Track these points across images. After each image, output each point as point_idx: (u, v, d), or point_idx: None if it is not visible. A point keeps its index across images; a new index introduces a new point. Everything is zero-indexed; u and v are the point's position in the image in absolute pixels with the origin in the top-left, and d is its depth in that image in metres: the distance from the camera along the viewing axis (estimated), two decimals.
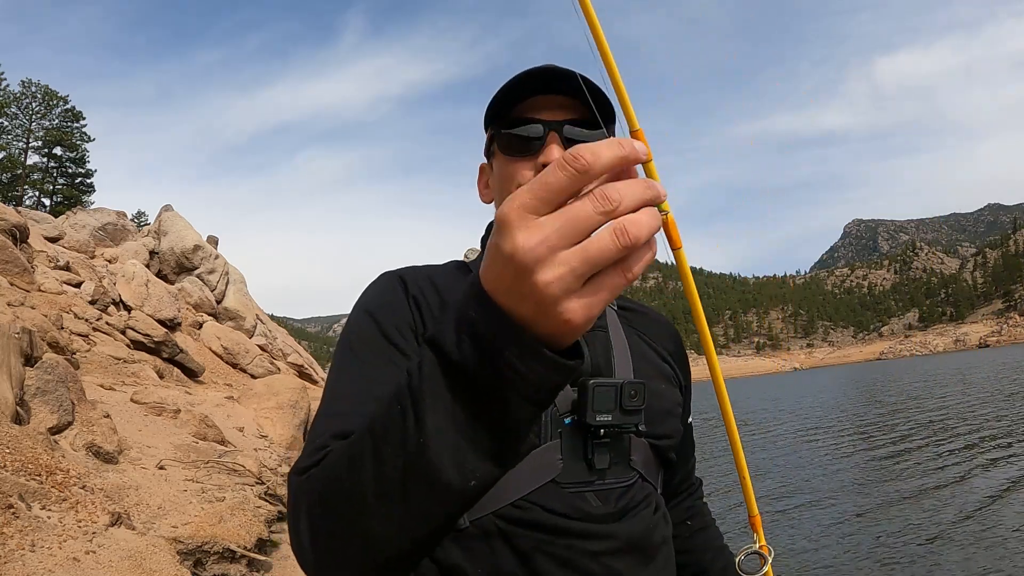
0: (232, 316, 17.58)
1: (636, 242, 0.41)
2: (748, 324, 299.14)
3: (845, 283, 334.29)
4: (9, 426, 4.22)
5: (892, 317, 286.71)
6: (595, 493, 0.86)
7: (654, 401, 0.92)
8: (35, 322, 7.30)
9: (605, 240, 0.40)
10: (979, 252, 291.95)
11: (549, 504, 0.83)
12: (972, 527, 7.59)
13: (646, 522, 0.89)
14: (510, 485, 0.82)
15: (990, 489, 9.30)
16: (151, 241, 18.07)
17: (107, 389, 7.72)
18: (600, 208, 0.40)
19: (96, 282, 12.59)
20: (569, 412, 0.86)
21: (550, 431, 0.85)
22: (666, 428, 0.96)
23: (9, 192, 39.66)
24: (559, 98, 0.93)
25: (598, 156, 0.40)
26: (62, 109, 43.63)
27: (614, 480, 0.88)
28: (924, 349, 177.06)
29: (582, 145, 0.41)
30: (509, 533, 0.82)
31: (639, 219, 0.41)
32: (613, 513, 0.86)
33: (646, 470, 0.92)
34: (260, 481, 6.29)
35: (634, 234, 0.40)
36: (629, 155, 0.42)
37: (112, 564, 3.58)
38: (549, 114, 0.93)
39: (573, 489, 0.85)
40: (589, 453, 0.85)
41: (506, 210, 0.42)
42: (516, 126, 0.95)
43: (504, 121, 0.96)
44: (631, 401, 0.84)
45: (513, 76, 0.97)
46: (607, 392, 0.83)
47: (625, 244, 0.40)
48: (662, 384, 0.99)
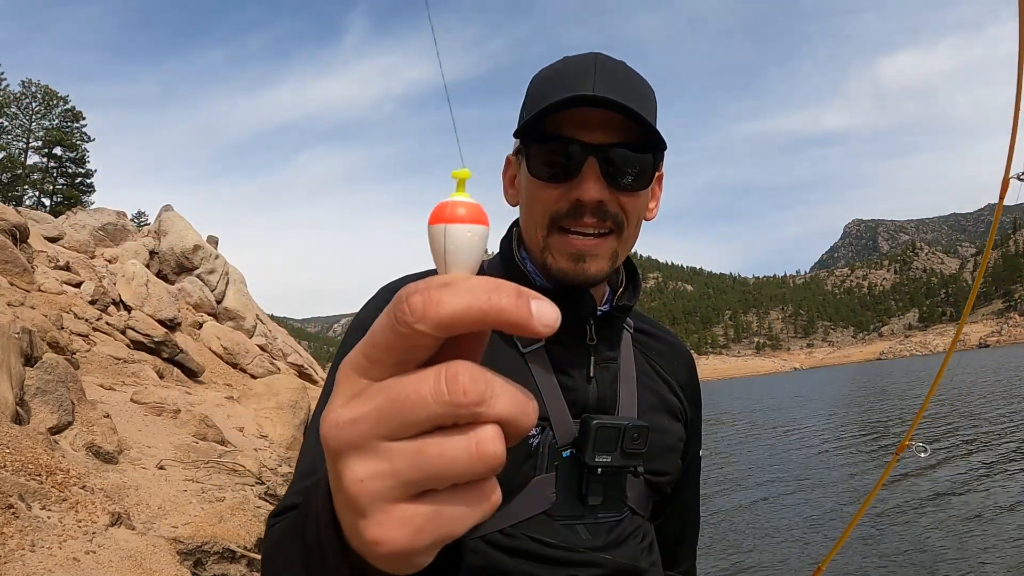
0: (232, 316, 17.57)
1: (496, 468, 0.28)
2: (748, 324, 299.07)
3: (845, 283, 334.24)
4: (9, 426, 4.22)
5: (892, 317, 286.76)
6: (586, 526, 0.85)
7: (655, 438, 0.89)
8: (35, 322, 7.30)
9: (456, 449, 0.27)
10: (979, 252, 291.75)
11: (538, 535, 0.82)
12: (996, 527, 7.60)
13: (634, 551, 0.88)
14: (500, 512, 0.80)
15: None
16: (151, 241, 18.06)
17: (107, 389, 7.72)
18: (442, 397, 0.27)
19: (96, 282, 12.59)
20: (569, 446, 0.83)
21: (547, 463, 0.83)
22: (665, 465, 0.93)
23: (9, 192, 39.63)
24: (605, 113, 0.78)
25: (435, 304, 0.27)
26: (62, 109, 43.62)
27: (606, 515, 0.86)
28: (924, 349, 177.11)
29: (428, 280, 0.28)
30: (494, 557, 0.81)
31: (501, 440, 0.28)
32: (603, 546, 0.85)
33: (639, 505, 0.91)
34: (260, 481, 6.29)
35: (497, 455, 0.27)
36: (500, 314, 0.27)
37: (112, 564, 3.58)
38: (590, 133, 0.79)
39: (564, 522, 0.83)
40: (584, 489, 0.83)
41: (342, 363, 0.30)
42: (549, 141, 0.81)
43: (535, 132, 0.82)
44: (633, 444, 0.82)
45: (556, 69, 0.84)
46: (609, 433, 0.81)
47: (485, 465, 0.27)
48: (665, 419, 0.95)
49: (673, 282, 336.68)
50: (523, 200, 0.88)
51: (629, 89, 0.80)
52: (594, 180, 0.79)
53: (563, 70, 0.83)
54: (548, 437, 0.83)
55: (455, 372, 0.27)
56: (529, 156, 0.82)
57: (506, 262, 0.92)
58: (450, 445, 0.27)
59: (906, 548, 7.12)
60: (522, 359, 0.87)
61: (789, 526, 8.70)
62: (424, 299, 0.27)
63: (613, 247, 0.83)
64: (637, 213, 0.85)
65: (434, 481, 0.28)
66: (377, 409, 0.28)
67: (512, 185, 0.93)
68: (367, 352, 0.29)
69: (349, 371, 0.29)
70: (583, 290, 0.86)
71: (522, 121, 0.84)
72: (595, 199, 0.79)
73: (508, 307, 0.27)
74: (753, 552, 7.69)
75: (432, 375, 0.27)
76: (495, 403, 0.27)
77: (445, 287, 0.27)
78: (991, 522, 7.68)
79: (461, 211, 0.30)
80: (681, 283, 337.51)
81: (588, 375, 0.88)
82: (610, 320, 0.91)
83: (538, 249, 0.85)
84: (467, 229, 0.29)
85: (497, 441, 0.27)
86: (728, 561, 7.41)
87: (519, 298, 0.27)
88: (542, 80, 0.85)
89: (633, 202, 0.83)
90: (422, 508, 0.28)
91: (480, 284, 0.27)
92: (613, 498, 0.86)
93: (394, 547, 0.28)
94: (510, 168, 0.93)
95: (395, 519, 0.28)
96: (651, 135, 0.80)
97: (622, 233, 0.84)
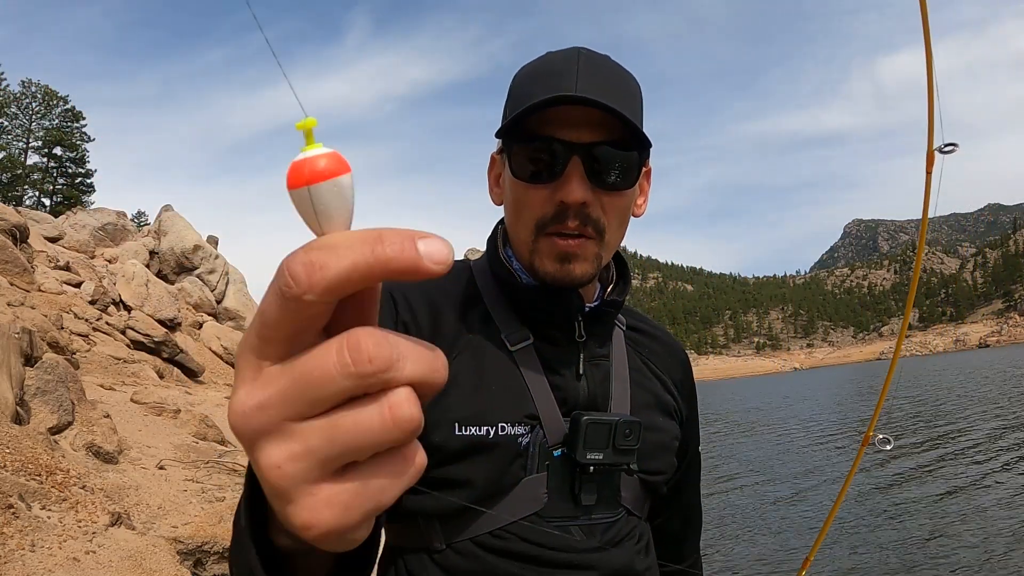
0: (232, 316, 17.59)
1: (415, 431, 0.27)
2: (748, 324, 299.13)
3: (845, 283, 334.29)
4: (9, 426, 4.22)
5: (892, 317, 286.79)
6: (580, 527, 0.83)
7: (650, 436, 0.88)
8: (35, 322, 7.30)
9: (369, 419, 0.26)
10: (979, 252, 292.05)
11: (530, 536, 0.81)
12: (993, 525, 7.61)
13: (630, 552, 0.87)
14: (490, 514, 0.79)
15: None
16: (151, 241, 18.08)
17: (107, 389, 7.73)
18: (347, 368, 0.25)
19: (96, 282, 12.60)
20: (560, 444, 0.81)
21: (538, 463, 0.81)
22: (660, 464, 0.92)
23: (9, 192, 39.68)
24: (589, 110, 0.76)
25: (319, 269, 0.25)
26: (62, 109, 43.71)
27: (600, 516, 0.84)
28: (924, 349, 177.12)
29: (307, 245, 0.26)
30: (486, 560, 0.80)
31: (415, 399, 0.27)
32: (597, 547, 0.83)
33: (634, 505, 0.89)
34: None
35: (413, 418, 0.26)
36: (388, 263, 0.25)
37: (112, 564, 3.58)
38: (574, 132, 0.77)
39: (557, 523, 0.82)
40: (576, 489, 0.82)
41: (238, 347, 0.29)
42: (531, 141, 0.79)
43: (518, 131, 0.80)
44: (625, 440, 0.80)
45: (538, 66, 0.82)
46: (600, 430, 0.79)
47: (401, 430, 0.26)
48: (659, 417, 0.94)
49: (673, 282, 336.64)
50: (508, 200, 0.87)
51: (613, 86, 0.78)
52: (578, 180, 0.77)
53: (545, 67, 0.81)
54: (538, 436, 0.82)
55: (356, 341, 0.25)
56: (512, 156, 0.81)
57: (492, 261, 0.91)
58: (363, 415, 0.26)
59: (894, 539, 7.14)
60: (510, 358, 0.85)
61: (777, 522, 8.77)
62: (306, 266, 0.25)
63: (595, 251, 0.82)
64: (621, 213, 0.84)
65: (353, 454, 0.26)
66: (282, 391, 0.26)
67: (497, 184, 0.91)
68: (260, 332, 0.27)
69: (247, 354, 0.28)
70: (570, 289, 0.85)
71: (505, 120, 0.82)
72: (579, 200, 0.78)
73: (394, 255, 0.25)
74: (743, 546, 7.72)
75: (334, 347, 0.26)
76: (403, 366, 0.26)
77: (325, 249, 0.25)
78: (977, 511, 7.70)
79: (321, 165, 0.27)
80: (681, 283, 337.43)
81: (578, 372, 0.87)
82: (599, 316, 0.89)
83: (526, 251, 0.84)
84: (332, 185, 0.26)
85: (410, 403, 0.26)
86: (723, 558, 7.44)
87: (403, 242, 0.25)
88: (524, 77, 0.83)
89: (617, 202, 0.82)
90: (346, 484, 0.27)
91: (360, 238, 0.25)
92: (607, 498, 0.85)
93: (325, 528, 0.27)
94: (495, 166, 0.92)
95: (321, 500, 0.27)
96: (636, 133, 0.78)
97: (603, 238, 0.82)
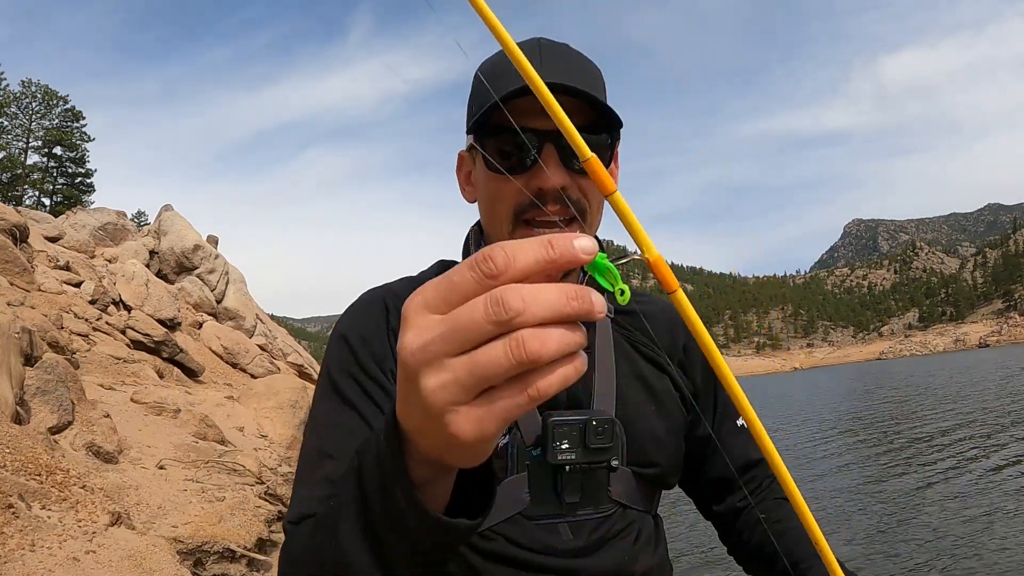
0: (232, 316, 17.57)
1: (536, 360, 0.34)
2: (748, 324, 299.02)
3: (845, 283, 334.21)
4: (9, 426, 4.22)
5: (892, 317, 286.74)
6: (568, 525, 0.82)
7: (640, 428, 0.87)
8: (35, 322, 7.29)
9: (496, 353, 0.34)
10: (979, 252, 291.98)
11: (515, 537, 0.80)
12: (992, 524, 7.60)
13: (623, 553, 0.85)
14: None
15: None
16: (151, 241, 18.06)
17: (107, 389, 7.72)
18: (491, 316, 0.34)
19: (96, 282, 12.59)
20: (535, 445, 0.81)
21: (517, 464, 0.81)
22: (655, 456, 0.89)
23: (9, 192, 39.65)
24: (556, 97, 0.82)
25: (512, 260, 0.35)
26: (62, 109, 43.63)
27: (588, 512, 0.83)
28: (924, 349, 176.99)
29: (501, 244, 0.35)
30: (473, 562, 0.80)
31: (545, 335, 0.34)
32: (584, 547, 0.82)
33: (630, 499, 0.87)
34: (260, 481, 6.29)
35: (533, 351, 0.34)
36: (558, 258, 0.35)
37: (112, 564, 3.58)
38: (543, 120, 0.76)
39: (543, 521, 0.81)
40: (558, 487, 0.81)
41: (408, 304, 0.38)
42: (502, 133, 0.79)
43: (487, 126, 0.80)
44: (597, 439, 0.77)
45: (500, 60, 0.82)
46: (568, 431, 0.77)
47: (520, 360, 0.34)
48: (652, 408, 0.91)
49: None
50: (482, 197, 0.86)
51: (577, 71, 0.79)
52: (554, 165, 0.78)
53: (507, 60, 0.81)
54: (517, 437, 0.81)
55: (499, 296, 0.34)
56: (484, 151, 0.81)
57: None
58: (494, 352, 0.35)
59: (889, 536, 7.13)
60: None
61: None
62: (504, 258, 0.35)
63: None
64: (599, 195, 0.82)
65: (487, 381, 0.35)
66: (442, 335, 0.36)
67: (468, 182, 0.91)
68: (446, 296, 0.36)
69: (421, 308, 0.37)
70: None
71: (472, 117, 0.82)
72: (557, 185, 0.78)
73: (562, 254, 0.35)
74: None
75: (483, 303, 0.35)
76: (534, 310, 0.34)
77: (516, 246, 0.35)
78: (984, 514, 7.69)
79: None
80: (681, 283, 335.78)
81: None
82: None
83: None
84: None
85: (533, 339, 0.34)
86: (723, 558, 7.41)
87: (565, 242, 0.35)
88: (487, 73, 0.83)
89: (594, 184, 0.81)
90: (483, 405, 0.36)
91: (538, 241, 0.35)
92: (594, 494, 0.84)
93: (467, 439, 0.37)
94: (464, 165, 0.91)
95: (463, 416, 0.36)
96: (605, 114, 0.79)
97: (586, 219, 0.82)
